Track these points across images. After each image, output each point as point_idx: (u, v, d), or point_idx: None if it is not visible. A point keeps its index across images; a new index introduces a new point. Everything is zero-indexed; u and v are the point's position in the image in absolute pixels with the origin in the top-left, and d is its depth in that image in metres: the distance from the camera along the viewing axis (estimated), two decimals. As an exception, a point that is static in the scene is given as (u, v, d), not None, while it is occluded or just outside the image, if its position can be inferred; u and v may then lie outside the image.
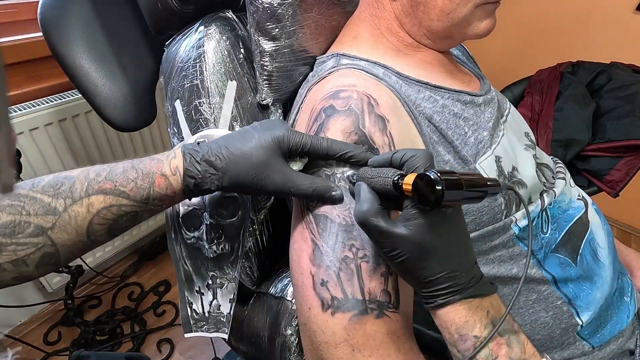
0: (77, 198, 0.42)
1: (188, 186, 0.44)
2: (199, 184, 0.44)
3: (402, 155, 0.39)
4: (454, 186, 0.35)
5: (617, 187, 1.17)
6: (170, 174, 0.44)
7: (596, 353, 0.58)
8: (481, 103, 0.57)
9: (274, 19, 0.55)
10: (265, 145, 0.44)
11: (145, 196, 0.44)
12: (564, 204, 0.60)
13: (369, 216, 0.38)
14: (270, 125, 0.46)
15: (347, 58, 0.56)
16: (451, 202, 0.35)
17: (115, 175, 0.43)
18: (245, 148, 0.44)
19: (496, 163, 0.53)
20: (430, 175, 0.34)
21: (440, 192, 0.34)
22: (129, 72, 0.76)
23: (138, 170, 0.44)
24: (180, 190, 0.45)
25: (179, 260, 0.57)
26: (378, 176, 0.40)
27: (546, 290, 0.55)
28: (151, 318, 1.47)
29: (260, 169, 0.44)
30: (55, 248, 0.41)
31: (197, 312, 0.57)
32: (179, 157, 0.45)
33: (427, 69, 0.56)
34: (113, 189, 0.43)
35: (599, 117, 1.22)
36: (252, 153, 0.44)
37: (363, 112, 0.46)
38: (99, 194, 0.42)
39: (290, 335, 0.59)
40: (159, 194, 0.44)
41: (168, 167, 0.44)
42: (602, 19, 1.58)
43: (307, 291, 0.44)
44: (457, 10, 0.51)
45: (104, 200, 0.42)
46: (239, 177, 0.44)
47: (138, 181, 0.43)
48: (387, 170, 0.40)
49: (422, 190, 0.35)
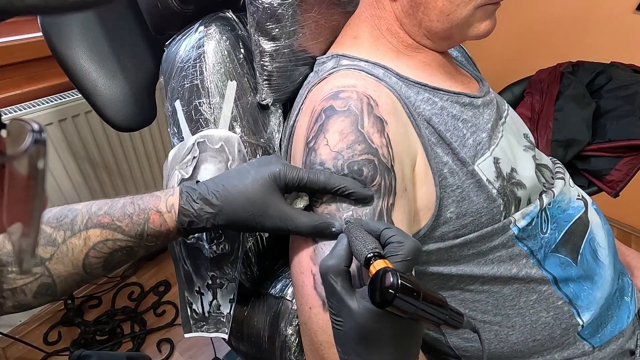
0: (76, 231, 0.42)
1: (182, 225, 0.44)
2: (193, 223, 0.44)
3: (390, 236, 0.38)
4: (408, 294, 0.32)
5: (617, 187, 1.17)
6: (165, 211, 0.44)
7: (596, 353, 0.58)
8: (480, 105, 0.57)
9: (274, 19, 0.55)
10: (261, 182, 0.43)
11: (140, 232, 0.44)
12: (563, 203, 0.60)
13: (329, 272, 0.37)
14: (267, 161, 0.46)
15: (347, 59, 0.56)
16: (400, 310, 0.33)
17: (114, 209, 0.44)
18: (241, 185, 0.44)
19: (494, 164, 0.53)
20: (390, 276, 0.32)
21: (390, 297, 0.32)
22: (129, 72, 0.76)
23: (136, 205, 0.44)
24: (174, 227, 0.44)
25: (179, 260, 0.57)
26: (359, 242, 0.38)
27: (547, 290, 0.55)
28: (151, 318, 1.47)
29: (256, 207, 0.43)
30: (52, 279, 0.42)
31: (197, 312, 0.56)
32: (176, 194, 0.45)
33: (427, 71, 0.57)
34: (110, 223, 0.43)
35: (599, 117, 1.22)
36: (248, 190, 0.43)
37: (362, 113, 0.46)
38: (96, 228, 0.43)
39: (291, 335, 0.59)
40: (153, 230, 0.44)
41: (164, 204, 0.44)
42: (602, 19, 1.58)
43: (307, 290, 0.44)
44: (457, 12, 0.51)
45: (100, 234, 0.43)
46: (235, 215, 0.44)
47: (134, 217, 0.44)
48: (369, 242, 0.38)
49: (376, 285, 0.33)
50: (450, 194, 0.50)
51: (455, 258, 0.53)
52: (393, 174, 0.46)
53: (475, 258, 0.53)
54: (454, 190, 0.51)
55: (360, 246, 0.37)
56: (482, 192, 0.51)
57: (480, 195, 0.51)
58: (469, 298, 0.55)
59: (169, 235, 0.45)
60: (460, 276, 0.54)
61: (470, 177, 0.51)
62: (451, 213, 0.51)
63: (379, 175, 0.45)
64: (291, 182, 0.44)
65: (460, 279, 0.54)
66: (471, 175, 0.51)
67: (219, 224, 0.44)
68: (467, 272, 0.53)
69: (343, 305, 0.36)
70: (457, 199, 0.51)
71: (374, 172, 0.44)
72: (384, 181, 0.45)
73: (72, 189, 1.30)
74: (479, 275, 0.53)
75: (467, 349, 0.58)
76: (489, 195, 0.51)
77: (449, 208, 0.51)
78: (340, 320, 0.37)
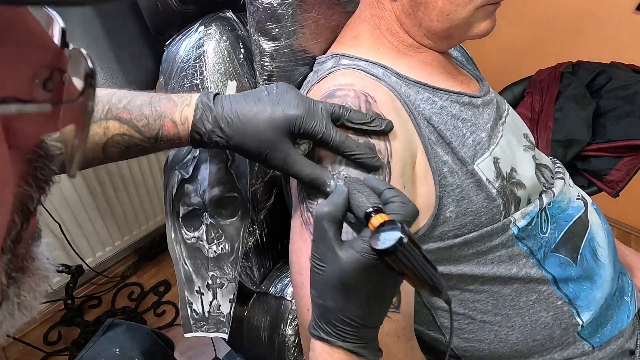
0: (97, 119, 0.45)
1: (194, 139, 0.46)
2: (203, 141, 0.46)
3: (392, 195, 0.38)
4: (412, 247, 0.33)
5: (617, 187, 1.17)
6: (180, 123, 0.46)
7: (596, 353, 0.58)
8: (480, 104, 0.57)
9: (273, 19, 0.55)
10: (275, 124, 0.44)
11: (155, 135, 0.46)
12: (563, 203, 0.60)
13: (325, 218, 0.37)
14: (288, 99, 0.45)
15: (347, 58, 0.56)
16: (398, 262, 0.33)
17: (133, 106, 0.46)
18: (255, 121, 0.44)
19: (494, 164, 0.53)
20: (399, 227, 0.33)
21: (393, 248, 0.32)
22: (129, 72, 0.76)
23: (153, 109, 0.46)
24: (187, 138, 0.46)
25: (179, 260, 0.57)
26: (361, 195, 0.38)
27: (546, 290, 0.55)
28: (151, 318, 1.47)
29: (265, 145, 0.44)
30: None
31: (197, 312, 0.56)
32: (192, 107, 0.46)
33: (427, 70, 0.57)
34: (128, 120, 0.45)
35: (599, 117, 1.22)
36: (260, 128, 0.44)
37: (360, 110, 0.47)
38: (115, 120, 0.45)
39: (290, 335, 0.59)
40: (167, 137, 0.46)
41: (179, 114, 0.46)
42: (602, 19, 1.58)
43: (306, 291, 0.44)
44: (457, 12, 0.51)
45: (119, 128, 0.45)
46: (242, 145, 0.45)
47: (150, 120, 0.46)
48: (371, 196, 0.38)
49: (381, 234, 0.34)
50: (450, 193, 0.51)
51: (455, 258, 0.53)
52: (388, 170, 0.46)
53: (475, 258, 0.53)
54: (453, 189, 0.51)
55: (362, 199, 0.38)
56: (482, 192, 0.51)
57: (479, 194, 0.51)
58: (469, 298, 0.55)
59: (181, 143, 0.48)
60: (460, 276, 0.54)
61: (469, 176, 0.51)
62: (451, 212, 0.51)
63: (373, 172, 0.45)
64: (306, 131, 0.44)
65: (460, 278, 0.54)
66: (471, 175, 0.51)
67: (227, 146, 0.46)
68: (467, 272, 0.53)
69: (331, 252, 0.36)
70: (456, 198, 0.51)
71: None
72: (379, 177, 0.45)
73: (73, 189, 1.30)
74: (478, 275, 0.53)
75: (467, 349, 0.58)
76: (488, 194, 0.51)
77: (448, 207, 0.51)
78: (323, 266, 0.37)
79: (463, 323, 0.56)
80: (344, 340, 0.37)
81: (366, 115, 0.45)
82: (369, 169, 0.45)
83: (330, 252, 0.36)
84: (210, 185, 0.56)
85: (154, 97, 0.47)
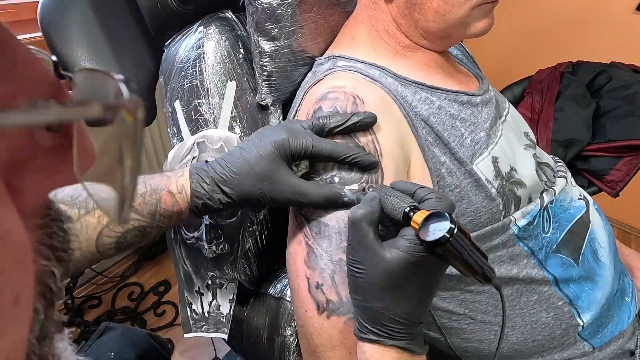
0: (90, 209, 0.43)
1: (197, 207, 0.44)
2: (207, 204, 0.44)
3: (427, 193, 0.38)
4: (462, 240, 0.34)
5: (617, 187, 1.17)
6: (177, 192, 0.45)
7: (596, 354, 0.57)
8: (479, 103, 0.57)
9: (273, 19, 0.55)
10: (266, 157, 0.43)
11: (152, 211, 0.44)
12: (565, 202, 0.59)
13: (363, 220, 0.37)
14: (270, 131, 0.45)
15: (344, 60, 0.56)
16: (449, 253, 0.34)
17: None
18: (248, 164, 0.44)
19: (493, 164, 0.53)
20: (447, 217, 0.34)
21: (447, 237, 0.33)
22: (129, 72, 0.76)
23: (147, 185, 0.45)
24: (187, 208, 0.45)
25: (179, 261, 0.57)
26: (393, 197, 0.38)
27: (547, 291, 0.55)
28: (151, 318, 1.47)
29: (265, 183, 0.43)
30: None
31: (197, 312, 0.56)
32: (186, 176, 0.45)
33: (425, 70, 0.56)
34: None
35: (599, 117, 1.21)
36: (255, 167, 0.43)
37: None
38: None
39: (290, 336, 0.59)
40: (166, 210, 0.44)
41: (175, 184, 0.45)
42: (602, 19, 1.58)
43: (302, 294, 0.44)
44: (452, 12, 0.51)
45: None
46: (246, 195, 0.44)
47: (146, 196, 0.44)
48: (405, 197, 0.38)
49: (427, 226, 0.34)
50: (449, 194, 0.50)
51: (455, 258, 0.53)
52: (380, 169, 0.46)
53: (475, 258, 0.53)
54: (452, 190, 0.51)
55: (396, 201, 0.38)
56: (481, 192, 0.51)
57: (479, 194, 0.51)
58: (469, 299, 0.55)
59: (182, 215, 0.46)
60: (461, 276, 0.54)
61: (468, 176, 0.51)
62: None
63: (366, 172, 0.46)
64: (296, 152, 0.44)
65: (461, 279, 0.54)
66: (469, 175, 0.51)
67: (231, 204, 0.45)
68: (467, 272, 0.53)
69: (372, 254, 0.37)
70: (455, 198, 0.51)
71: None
72: (370, 177, 0.46)
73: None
74: (479, 275, 0.53)
75: (467, 349, 0.58)
76: (487, 194, 0.51)
77: None
78: (364, 269, 0.37)
79: (463, 323, 0.56)
80: (394, 338, 0.37)
81: (344, 115, 0.45)
82: (367, 166, 0.45)
83: (371, 253, 0.37)
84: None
85: (146, 177, 0.46)
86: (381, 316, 0.37)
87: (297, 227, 0.47)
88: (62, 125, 0.17)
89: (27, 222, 0.15)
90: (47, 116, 0.14)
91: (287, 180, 0.44)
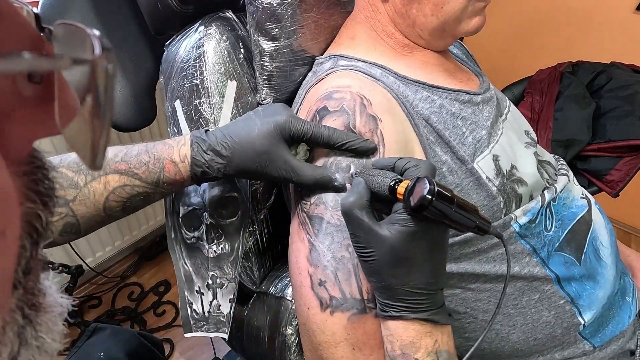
0: (96, 175, 0.45)
1: (196, 174, 0.46)
2: (205, 172, 0.46)
3: (405, 163, 0.40)
4: (444, 199, 0.35)
5: (617, 187, 1.17)
6: (179, 161, 0.46)
7: (597, 353, 0.57)
8: (480, 102, 0.57)
9: (273, 19, 0.55)
10: (267, 134, 0.45)
11: (156, 179, 0.46)
12: (567, 200, 0.59)
13: (354, 207, 0.39)
14: (273, 110, 0.47)
15: (345, 59, 0.56)
16: (437, 214, 0.35)
17: (130, 157, 0.46)
18: (249, 137, 0.45)
19: (494, 162, 0.53)
20: (426, 180, 0.35)
21: (429, 199, 0.34)
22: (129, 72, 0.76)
23: (150, 154, 0.47)
24: (188, 176, 0.47)
25: (179, 260, 0.57)
26: (377, 176, 0.40)
27: (549, 289, 0.55)
28: (151, 318, 1.47)
29: (263, 158, 0.45)
30: (76, 219, 0.45)
31: (197, 312, 0.56)
32: (188, 144, 0.47)
33: (426, 69, 0.57)
34: (127, 170, 0.46)
35: (599, 117, 1.22)
36: (255, 142, 0.45)
37: (354, 112, 0.47)
38: (115, 174, 0.45)
39: (291, 335, 0.59)
40: (169, 178, 0.47)
41: (177, 154, 0.47)
42: (602, 19, 1.58)
43: (305, 291, 0.44)
44: (450, 3, 0.51)
45: (119, 180, 0.45)
46: (243, 166, 0.46)
47: (150, 165, 0.46)
48: (387, 173, 0.40)
49: (412, 193, 0.36)
50: None
51: (456, 256, 0.53)
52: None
53: (477, 256, 0.53)
54: (453, 188, 0.51)
55: (380, 179, 0.40)
56: (482, 190, 0.51)
57: (480, 193, 0.51)
58: (471, 297, 0.55)
59: (184, 182, 0.48)
60: (462, 274, 0.54)
61: (469, 175, 0.51)
62: None
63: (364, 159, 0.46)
64: (296, 134, 0.45)
65: (462, 277, 0.54)
66: (470, 173, 0.51)
67: (229, 173, 0.46)
68: (469, 270, 0.53)
69: (373, 235, 0.38)
70: None
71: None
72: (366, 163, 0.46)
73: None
74: (480, 274, 0.53)
75: (467, 348, 0.58)
76: (488, 192, 0.51)
77: None
78: (371, 251, 0.38)
79: (464, 322, 0.56)
80: (415, 311, 0.38)
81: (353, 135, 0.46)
82: (365, 152, 0.46)
83: (372, 235, 0.38)
84: (210, 185, 0.56)
85: (149, 145, 0.48)
86: (399, 291, 0.38)
87: (299, 224, 0.47)
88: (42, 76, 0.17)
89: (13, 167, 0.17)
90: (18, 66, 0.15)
91: (284, 157, 0.46)
